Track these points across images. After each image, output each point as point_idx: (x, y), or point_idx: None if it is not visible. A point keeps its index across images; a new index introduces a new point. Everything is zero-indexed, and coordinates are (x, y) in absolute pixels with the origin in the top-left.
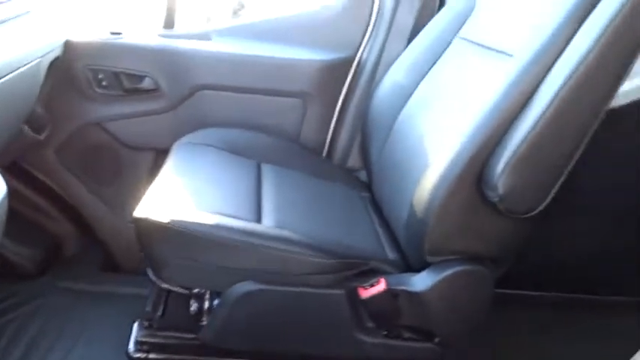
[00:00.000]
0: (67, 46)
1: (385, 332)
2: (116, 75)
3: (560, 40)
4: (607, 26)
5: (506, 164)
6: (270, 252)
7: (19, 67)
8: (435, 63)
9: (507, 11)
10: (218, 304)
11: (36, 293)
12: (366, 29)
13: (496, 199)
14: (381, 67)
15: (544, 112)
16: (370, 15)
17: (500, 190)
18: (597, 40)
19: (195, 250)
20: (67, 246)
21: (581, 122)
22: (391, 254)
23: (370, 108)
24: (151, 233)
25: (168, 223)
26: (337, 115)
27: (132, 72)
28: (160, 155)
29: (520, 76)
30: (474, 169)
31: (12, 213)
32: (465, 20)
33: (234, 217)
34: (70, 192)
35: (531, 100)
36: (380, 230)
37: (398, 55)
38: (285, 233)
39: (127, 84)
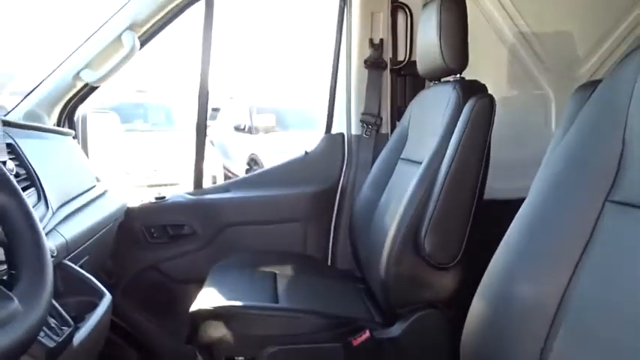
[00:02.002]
0: (128, 211)
1: None
2: (163, 227)
3: (441, 151)
4: (460, 137)
5: (426, 229)
6: (284, 319)
7: (101, 230)
8: (390, 178)
9: (420, 136)
10: None
11: None
12: (342, 165)
13: (427, 256)
14: (356, 189)
15: (438, 196)
16: (343, 155)
17: (427, 248)
18: (457, 147)
19: (234, 325)
20: None
21: (464, 201)
22: (376, 315)
23: (352, 219)
24: (203, 318)
25: (214, 307)
26: (333, 231)
27: (174, 223)
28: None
29: (423, 174)
30: (410, 240)
31: None
32: (404, 146)
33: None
34: (132, 324)
35: (432, 190)
36: (369, 303)
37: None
38: (295, 306)
39: (171, 232)
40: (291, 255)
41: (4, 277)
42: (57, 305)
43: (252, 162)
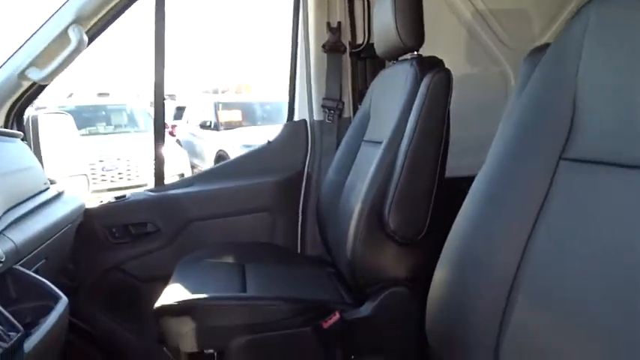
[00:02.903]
0: (87, 212)
1: (353, 357)
2: (125, 226)
3: (401, 127)
4: (419, 112)
5: (390, 207)
6: (252, 308)
7: (57, 233)
8: (353, 161)
9: (381, 116)
10: (222, 358)
11: None
12: (306, 152)
13: (392, 233)
14: (322, 175)
15: (400, 172)
16: (306, 141)
17: (391, 225)
18: (416, 122)
19: (200, 318)
20: None
21: (425, 177)
22: (345, 297)
23: (319, 205)
24: (167, 314)
25: (178, 302)
26: (301, 218)
27: (136, 222)
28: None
29: (384, 153)
30: (374, 219)
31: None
32: (366, 128)
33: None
34: (98, 327)
35: (394, 167)
36: (338, 285)
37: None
38: (263, 294)
39: (133, 231)
40: (260, 245)
41: None
42: (4, 311)
43: (220, 158)
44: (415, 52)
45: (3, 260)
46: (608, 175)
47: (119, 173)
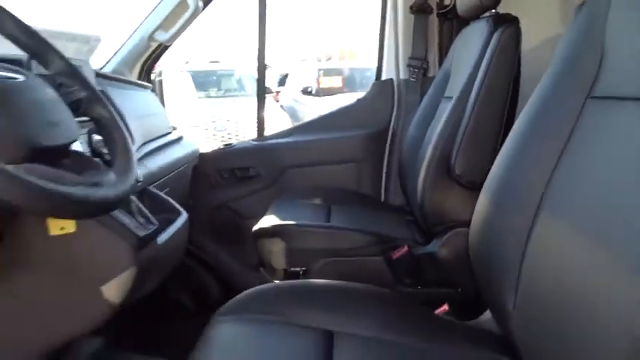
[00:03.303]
0: (201, 156)
1: (419, 287)
2: (232, 170)
3: (472, 80)
4: (488, 65)
5: (456, 154)
6: (333, 235)
7: (178, 168)
8: (433, 117)
9: (459, 72)
10: (306, 276)
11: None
12: (392, 109)
13: (457, 177)
14: (405, 130)
15: (468, 122)
16: (392, 99)
17: (457, 170)
18: (485, 75)
19: (289, 240)
20: (212, 293)
21: (491, 126)
22: (415, 235)
23: (401, 158)
24: (263, 236)
25: (272, 225)
26: (386, 170)
27: (241, 166)
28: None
29: (455, 105)
30: (443, 163)
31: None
32: (446, 85)
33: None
34: (208, 253)
35: (462, 118)
36: (412, 226)
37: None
38: (344, 224)
39: (239, 174)
40: (347, 192)
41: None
42: (144, 209)
43: None
44: (493, 10)
45: (141, 180)
46: (635, 108)
47: (228, 134)
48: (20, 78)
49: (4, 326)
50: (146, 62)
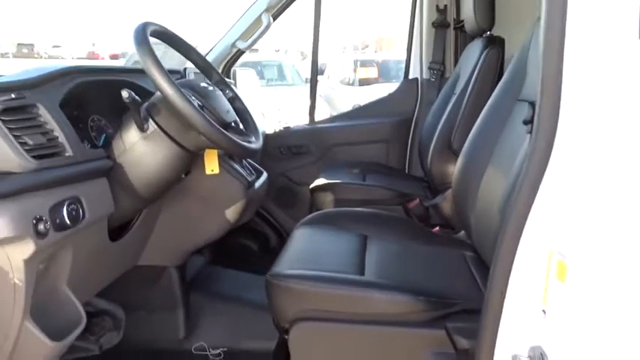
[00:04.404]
0: (267, 136)
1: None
2: (289, 147)
3: (468, 84)
4: (477, 75)
5: (455, 133)
6: (369, 189)
7: None
8: (444, 110)
9: (461, 77)
10: None
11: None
12: (416, 102)
13: (455, 151)
14: (424, 118)
15: (463, 113)
16: (417, 94)
17: (455, 145)
18: (475, 82)
19: (338, 193)
20: (272, 243)
21: (478, 114)
22: (428, 193)
23: (420, 138)
24: (317, 190)
25: (324, 183)
26: (409, 147)
27: (296, 144)
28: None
29: (456, 101)
30: (445, 141)
31: (244, 225)
32: (456, 84)
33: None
34: (270, 212)
35: (460, 108)
36: (426, 187)
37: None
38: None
39: (294, 150)
40: (378, 164)
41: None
42: (248, 164)
43: None
44: (488, 32)
45: None
46: (526, 106)
47: (271, 120)
48: (210, 87)
49: (170, 231)
50: (227, 63)
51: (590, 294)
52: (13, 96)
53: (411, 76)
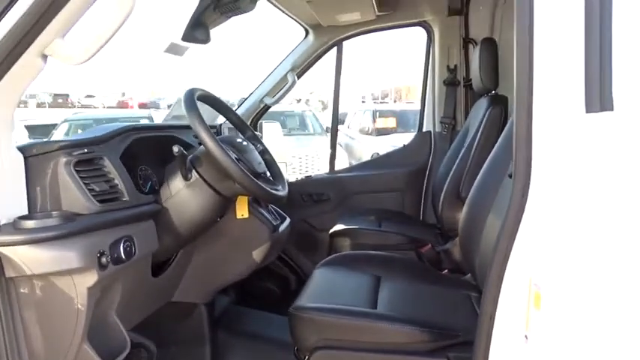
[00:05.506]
0: (289, 184)
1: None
2: (310, 195)
3: (474, 138)
4: (482, 131)
5: (463, 183)
6: (384, 235)
7: None
8: (455, 160)
9: (470, 132)
10: None
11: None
12: (429, 152)
13: (463, 198)
14: (437, 168)
15: (470, 164)
16: (430, 145)
17: (463, 193)
18: (481, 137)
19: (355, 238)
20: (292, 286)
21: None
22: (439, 239)
23: (433, 187)
24: (336, 235)
25: (342, 229)
26: (424, 195)
27: (317, 192)
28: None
29: (464, 153)
30: (455, 189)
31: (267, 268)
32: (465, 138)
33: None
34: (291, 256)
35: (467, 161)
36: (438, 234)
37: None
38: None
39: (315, 198)
40: (393, 212)
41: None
42: (273, 209)
43: None
44: (493, 91)
45: None
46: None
47: (293, 168)
48: (244, 142)
49: (203, 270)
50: (255, 117)
51: (563, 321)
52: (85, 150)
53: (424, 129)
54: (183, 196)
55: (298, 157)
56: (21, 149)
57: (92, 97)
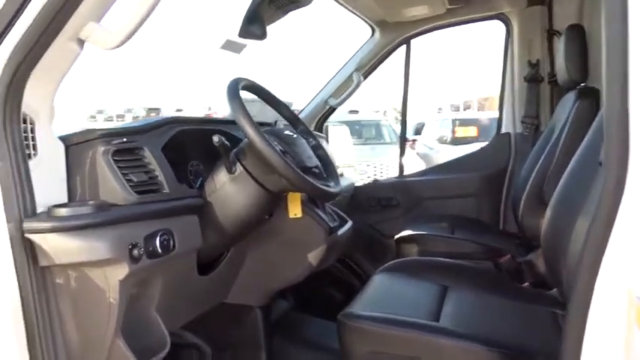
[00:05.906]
0: (356, 188)
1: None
2: (378, 199)
3: (559, 136)
4: (569, 129)
5: (547, 186)
6: (456, 242)
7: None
8: (537, 162)
9: (555, 131)
10: None
11: None
12: (509, 155)
13: (546, 202)
14: (518, 172)
15: (554, 165)
16: (509, 148)
17: (546, 197)
18: (566, 135)
19: (423, 245)
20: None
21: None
22: (520, 250)
23: (514, 192)
24: (402, 242)
25: (409, 234)
26: (504, 203)
27: (385, 196)
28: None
29: (547, 153)
30: (537, 194)
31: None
32: (551, 136)
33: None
34: (356, 262)
35: (551, 162)
36: (519, 244)
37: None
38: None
39: (383, 203)
40: (468, 219)
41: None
42: (331, 210)
43: None
44: (582, 84)
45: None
46: None
47: (368, 177)
48: (294, 135)
49: (255, 271)
50: (320, 119)
51: None
52: (124, 140)
53: (503, 131)
54: (228, 190)
55: (373, 166)
56: (62, 138)
57: (181, 110)
